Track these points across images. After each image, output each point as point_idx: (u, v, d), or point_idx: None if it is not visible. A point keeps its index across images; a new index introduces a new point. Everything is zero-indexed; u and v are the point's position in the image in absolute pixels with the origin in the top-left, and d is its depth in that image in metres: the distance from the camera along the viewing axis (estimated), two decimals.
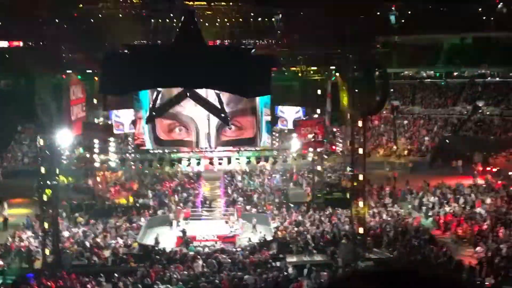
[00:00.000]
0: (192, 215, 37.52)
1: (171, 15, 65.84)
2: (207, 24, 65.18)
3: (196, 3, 61.02)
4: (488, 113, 57.94)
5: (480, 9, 70.31)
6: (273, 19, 67.97)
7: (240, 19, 66.31)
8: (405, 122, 59.05)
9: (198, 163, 39.79)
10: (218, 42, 61.89)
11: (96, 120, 37.66)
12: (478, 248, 30.13)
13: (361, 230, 31.02)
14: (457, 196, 39.31)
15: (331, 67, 37.36)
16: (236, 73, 31.15)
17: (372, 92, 30.72)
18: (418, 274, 2.86)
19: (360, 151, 31.29)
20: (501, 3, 69.61)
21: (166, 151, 39.78)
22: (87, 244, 32.58)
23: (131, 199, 40.43)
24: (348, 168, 35.60)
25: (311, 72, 39.03)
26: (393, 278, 2.88)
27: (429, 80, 67.60)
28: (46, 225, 30.18)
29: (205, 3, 62.62)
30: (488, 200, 38.10)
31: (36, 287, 26.60)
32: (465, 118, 58.20)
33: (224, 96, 34.58)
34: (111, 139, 38.37)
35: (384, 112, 56.91)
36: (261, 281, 27.12)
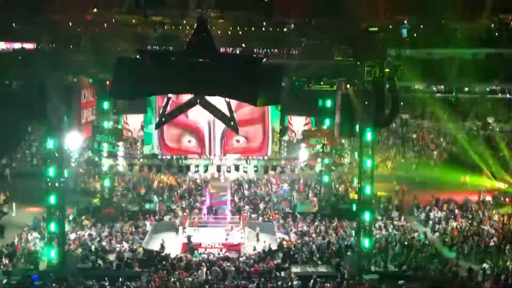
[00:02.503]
0: (198, 222, 37.41)
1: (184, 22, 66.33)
2: (219, 32, 65.49)
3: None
4: (497, 129, 57.65)
5: (492, 26, 70.35)
6: (285, 29, 68.17)
7: (252, 28, 66.61)
8: (414, 136, 58.82)
9: (206, 170, 39.97)
10: (230, 50, 62.14)
11: (106, 124, 37.70)
12: (484, 265, 29.98)
13: (366, 243, 30.89)
14: (464, 212, 39.12)
15: (342, 79, 37.32)
16: (247, 82, 31.13)
17: (382, 105, 30.64)
18: None
19: (368, 163, 31.21)
20: None
21: (175, 157, 39.96)
22: (93, 247, 32.62)
23: None
24: (356, 180, 35.49)
25: (322, 83, 38.97)
26: None
27: (439, 94, 67.35)
28: (52, 226, 30.26)
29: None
30: (496, 217, 37.92)
31: None
32: (474, 134, 57.89)
33: (233, 104, 34.61)
34: (120, 143, 38.47)
35: (393, 125, 56.73)
36: None
